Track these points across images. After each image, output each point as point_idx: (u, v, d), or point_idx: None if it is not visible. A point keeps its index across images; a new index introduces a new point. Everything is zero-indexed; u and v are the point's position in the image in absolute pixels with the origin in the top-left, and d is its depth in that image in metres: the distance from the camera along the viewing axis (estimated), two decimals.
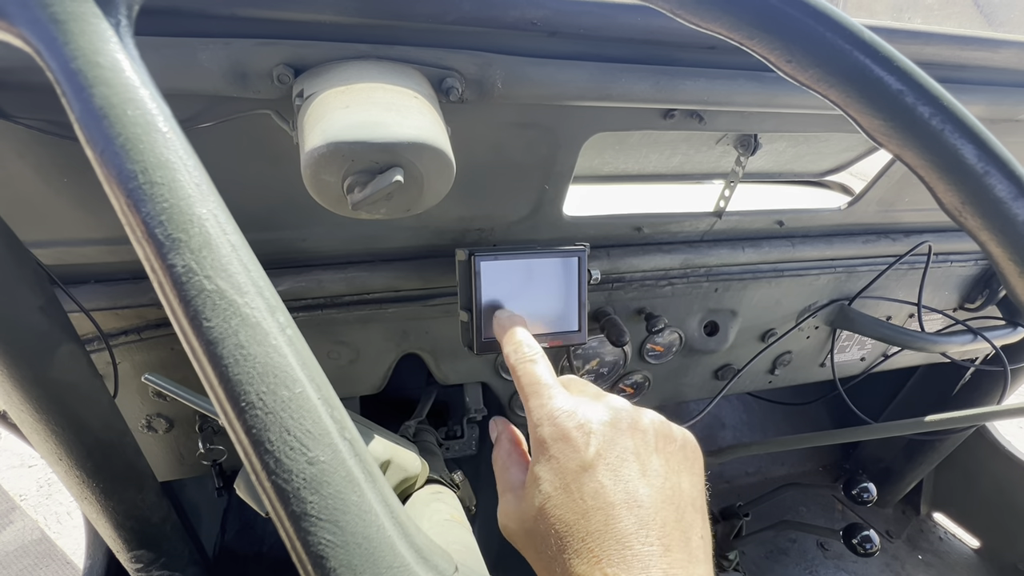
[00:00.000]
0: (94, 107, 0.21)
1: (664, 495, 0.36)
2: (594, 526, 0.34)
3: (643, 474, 0.37)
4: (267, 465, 0.21)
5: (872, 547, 1.62)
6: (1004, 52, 0.78)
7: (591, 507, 0.35)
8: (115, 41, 0.22)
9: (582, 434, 0.38)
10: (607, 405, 0.40)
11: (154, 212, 0.21)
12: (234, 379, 0.21)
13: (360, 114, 0.48)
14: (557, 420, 0.39)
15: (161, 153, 0.21)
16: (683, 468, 0.39)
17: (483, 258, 0.72)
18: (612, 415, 0.39)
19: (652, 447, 0.39)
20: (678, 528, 0.35)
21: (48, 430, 0.66)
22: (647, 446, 0.39)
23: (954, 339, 1.24)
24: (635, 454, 0.38)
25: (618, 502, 0.35)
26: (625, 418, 0.40)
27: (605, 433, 0.38)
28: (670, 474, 0.38)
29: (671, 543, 0.34)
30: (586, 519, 0.34)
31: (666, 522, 0.35)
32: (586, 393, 0.43)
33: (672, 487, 0.37)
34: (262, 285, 0.23)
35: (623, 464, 0.37)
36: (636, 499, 0.35)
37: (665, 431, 0.41)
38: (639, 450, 0.38)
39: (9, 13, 0.21)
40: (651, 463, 0.38)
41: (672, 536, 0.34)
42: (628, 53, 0.67)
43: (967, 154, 0.29)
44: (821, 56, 0.29)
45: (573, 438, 0.38)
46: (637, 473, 0.37)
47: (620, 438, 0.38)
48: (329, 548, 0.21)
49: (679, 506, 0.36)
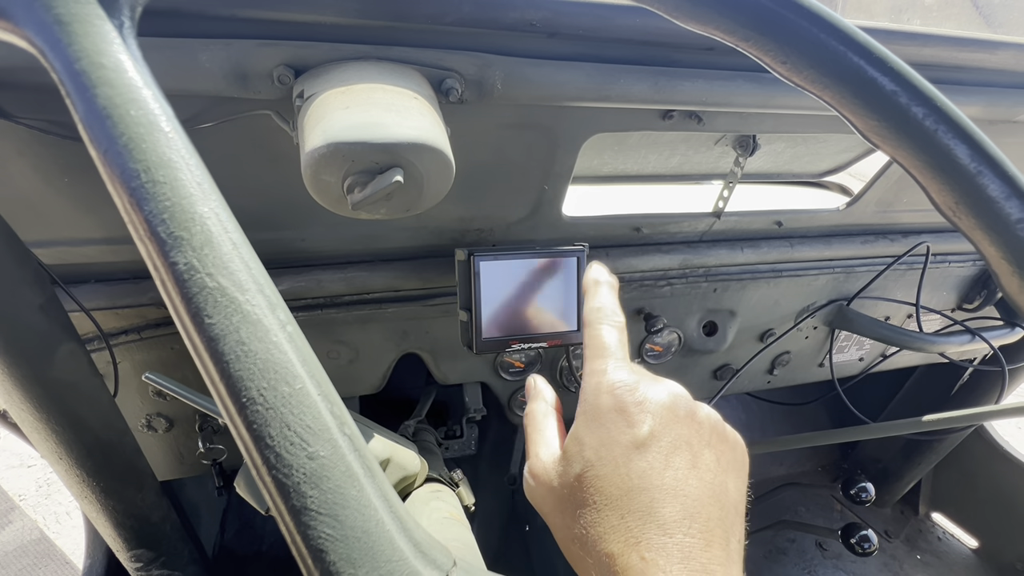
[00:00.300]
0: (97, 107, 0.21)
1: (712, 491, 0.35)
2: (636, 506, 0.33)
3: (693, 466, 0.36)
4: (268, 460, 0.22)
5: (870, 547, 1.62)
6: (1001, 54, 0.78)
7: (636, 486, 0.34)
8: (118, 42, 0.22)
9: (640, 411, 0.37)
10: (667, 389, 0.39)
11: (156, 211, 0.21)
12: (235, 375, 0.22)
13: (360, 115, 0.49)
14: (616, 391, 0.38)
15: (163, 152, 0.22)
16: (732, 469, 0.38)
17: (482, 258, 0.72)
18: (671, 400, 0.39)
19: (706, 441, 0.38)
20: (721, 526, 0.34)
21: (48, 429, 0.66)
22: (701, 439, 0.38)
23: (952, 339, 1.24)
24: (688, 444, 0.37)
25: (666, 487, 0.34)
26: (683, 405, 0.39)
27: (663, 415, 0.37)
28: (719, 472, 0.37)
29: (713, 539, 0.33)
30: (629, 497, 0.34)
31: (711, 518, 0.34)
32: (645, 374, 0.42)
33: (720, 484, 0.36)
34: (263, 282, 0.24)
35: (676, 451, 0.36)
36: (684, 489, 0.34)
37: (720, 429, 0.40)
38: (692, 441, 0.37)
39: (14, 14, 0.22)
40: (703, 456, 0.37)
41: (715, 533, 0.33)
42: (627, 54, 0.67)
43: (960, 154, 0.29)
44: (815, 58, 0.29)
45: (630, 412, 0.37)
46: (688, 463, 0.36)
47: (676, 424, 0.37)
48: (329, 542, 0.22)
49: (724, 505, 0.35)
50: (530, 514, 1.71)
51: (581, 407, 0.39)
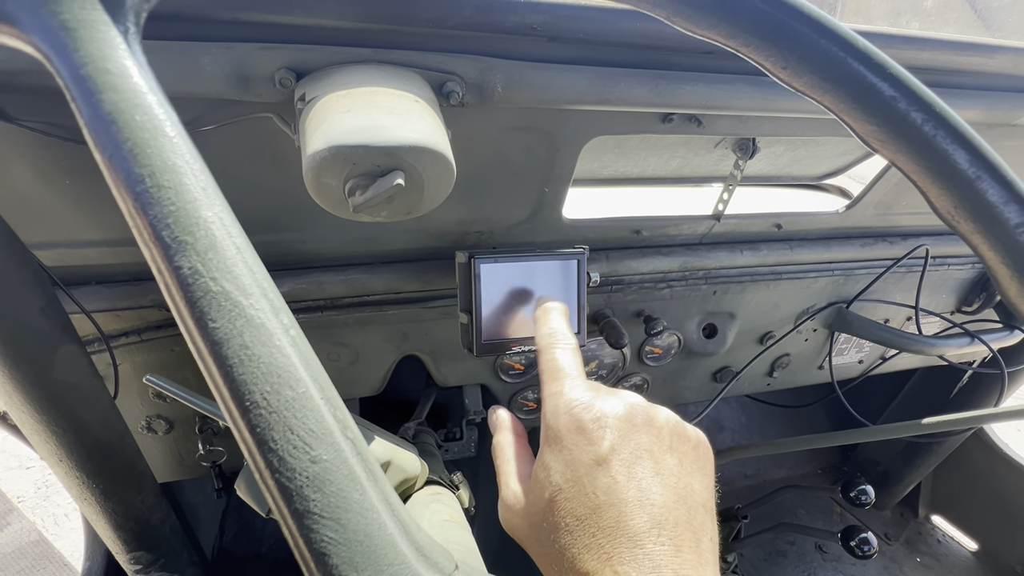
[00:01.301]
0: (103, 112, 0.21)
1: (677, 495, 0.36)
2: (605, 522, 0.34)
3: (657, 473, 0.36)
4: (271, 463, 0.22)
5: (870, 549, 1.62)
6: (999, 58, 0.79)
7: (603, 503, 0.34)
8: (123, 48, 0.22)
9: (597, 427, 0.38)
10: (623, 400, 0.40)
11: (161, 215, 0.21)
12: (239, 379, 0.22)
13: (361, 118, 0.49)
14: (573, 410, 0.39)
15: (168, 157, 0.22)
16: (695, 468, 0.39)
17: (483, 260, 0.72)
18: (628, 410, 0.39)
19: (666, 445, 0.39)
20: (689, 529, 0.35)
21: (48, 431, 0.66)
22: (661, 444, 0.38)
23: (951, 342, 1.24)
24: (649, 452, 0.37)
25: (631, 499, 0.34)
26: (640, 414, 0.39)
27: (621, 428, 0.38)
28: (683, 474, 0.38)
29: (682, 544, 0.33)
30: (597, 515, 0.34)
31: (678, 522, 0.34)
32: (601, 388, 0.42)
33: (685, 487, 0.37)
34: (266, 287, 0.24)
35: (637, 461, 0.37)
36: (649, 497, 0.35)
37: (679, 430, 0.40)
38: (653, 448, 0.38)
39: (19, 20, 0.22)
40: (665, 462, 0.38)
41: (684, 537, 0.34)
42: (627, 58, 0.67)
43: (959, 159, 0.29)
44: (815, 63, 0.30)
45: (588, 430, 0.38)
46: (651, 471, 0.36)
47: (635, 434, 0.38)
48: (331, 545, 0.22)
49: (691, 507, 0.36)
50: None
51: (544, 432, 0.40)
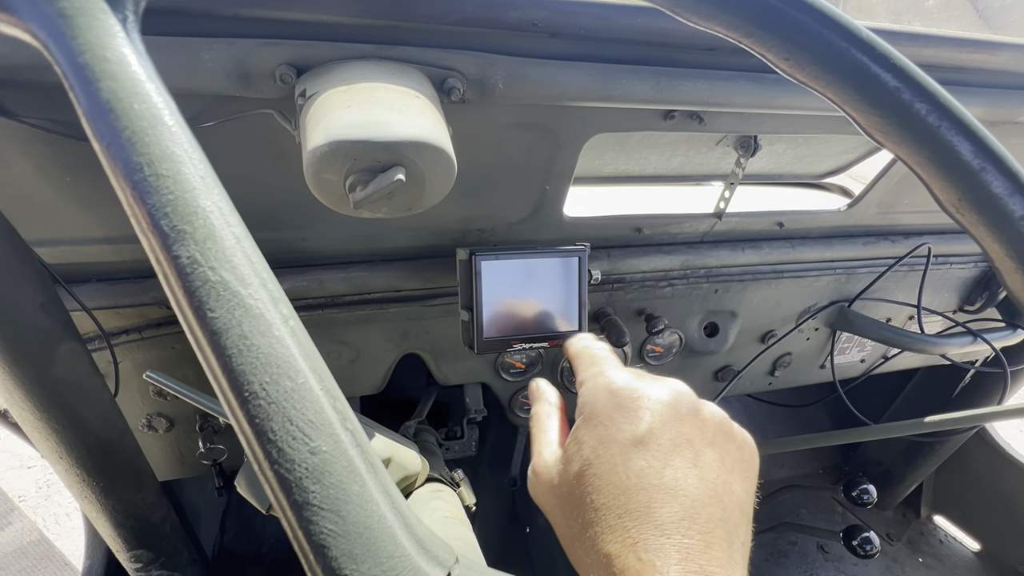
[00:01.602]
0: (101, 101, 0.21)
1: (713, 491, 0.34)
2: (634, 506, 0.32)
3: (695, 464, 0.35)
4: (269, 454, 0.22)
5: (872, 549, 1.62)
6: (1002, 55, 0.78)
7: (634, 485, 0.33)
8: (122, 36, 0.22)
9: (638, 407, 0.36)
10: (668, 386, 0.38)
11: (159, 204, 0.21)
12: (237, 369, 0.22)
13: (362, 113, 0.49)
14: (613, 388, 0.38)
15: (167, 146, 0.22)
16: (737, 469, 0.37)
17: (484, 258, 0.72)
18: (673, 397, 0.38)
19: (709, 439, 0.37)
20: (723, 527, 0.33)
21: (49, 428, 0.66)
22: (704, 437, 0.37)
23: (954, 341, 1.24)
24: (689, 442, 0.36)
25: (664, 486, 0.33)
26: (686, 403, 0.38)
27: (663, 412, 0.36)
28: (723, 471, 0.36)
29: (713, 541, 0.32)
30: (626, 496, 0.33)
31: (711, 518, 0.33)
32: (645, 374, 0.41)
33: (723, 484, 0.35)
34: (265, 277, 0.24)
35: (676, 449, 0.35)
36: (683, 488, 0.33)
37: (726, 427, 0.39)
38: (694, 439, 0.36)
39: (18, 8, 0.22)
40: (705, 455, 0.36)
41: (715, 534, 0.32)
42: (628, 54, 0.67)
43: (963, 150, 0.29)
44: (819, 54, 0.29)
45: (628, 408, 0.36)
46: (689, 462, 0.35)
47: (677, 422, 0.36)
48: (331, 537, 0.22)
49: (727, 506, 0.34)
50: (530, 515, 1.71)
51: (579, 410, 0.39)
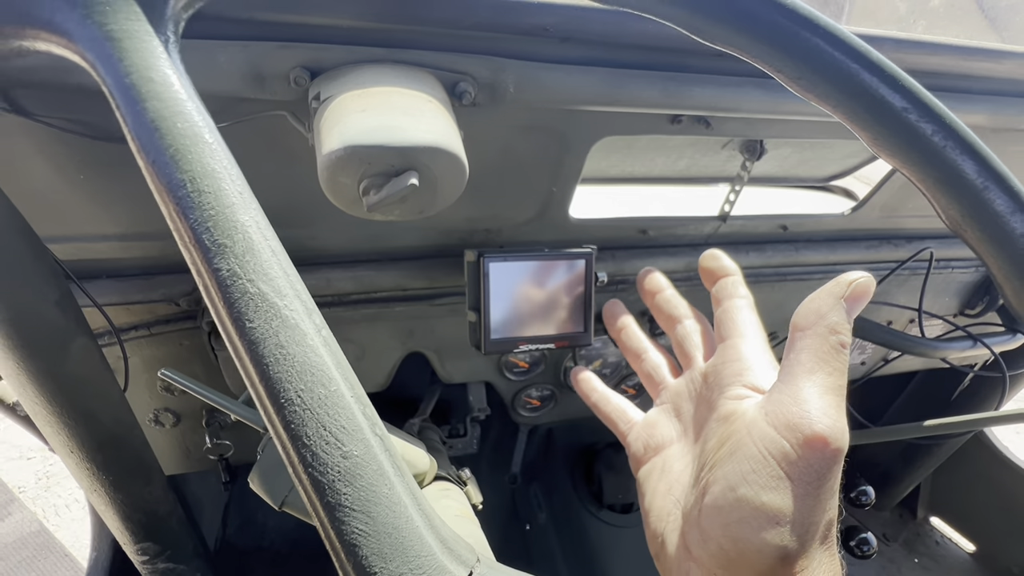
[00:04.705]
0: (147, 120, 0.22)
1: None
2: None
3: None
4: (304, 458, 0.23)
5: (869, 550, 1.63)
6: (1007, 63, 0.79)
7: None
8: (164, 57, 0.23)
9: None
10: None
11: (201, 219, 0.22)
12: (274, 377, 0.23)
13: (377, 118, 0.49)
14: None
15: (208, 163, 0.23)
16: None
17: (492, 259, 0.73)
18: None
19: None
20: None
21: (61, 423, 0.67)
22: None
23: (954, 344, 1.24)
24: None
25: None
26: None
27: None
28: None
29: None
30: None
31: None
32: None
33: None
34: (299, 289, 0.25)
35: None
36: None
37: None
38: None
39: (69, 31, 0.22)
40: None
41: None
42: (638, 59, 0.68)
43: (967, 169, 0.30)
44: (829, 75, 0.30)
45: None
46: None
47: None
48: (362, 537, 0.23)
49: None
50: (530, 513, 1.72)
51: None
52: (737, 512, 0.29)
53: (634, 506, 1.62)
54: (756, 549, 0.28)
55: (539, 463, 1.75)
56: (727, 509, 0.30)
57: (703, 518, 0.31)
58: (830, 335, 0.32)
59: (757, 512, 0.29)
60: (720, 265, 0.44)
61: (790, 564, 0.28)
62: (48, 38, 0.23)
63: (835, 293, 0.33)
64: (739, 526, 0.29)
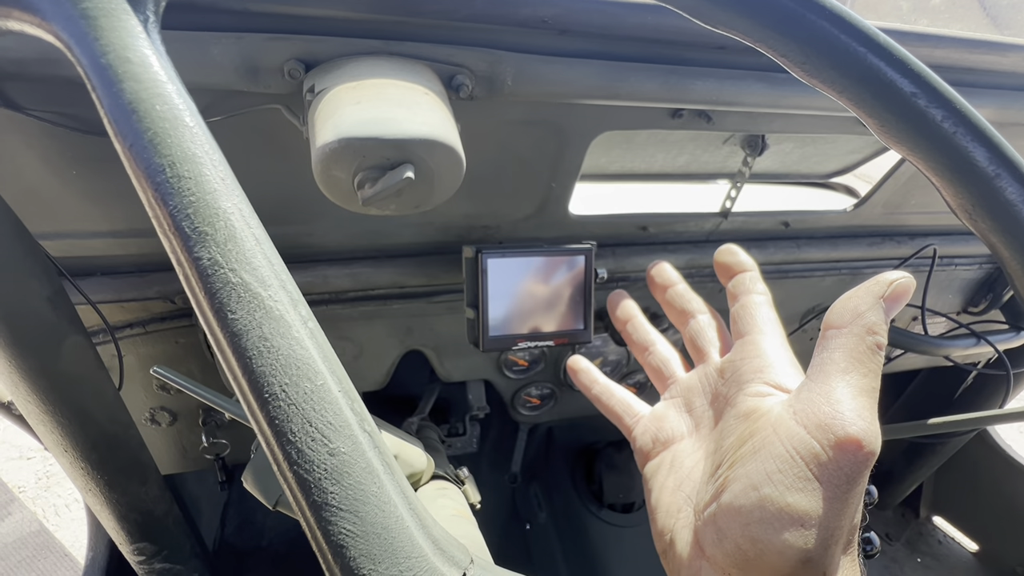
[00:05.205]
0: (124, 102, 0.21)
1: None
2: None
3: None
4: (289, 455, 0.22)
5: (872, 549, 1.61)
6: (1012, 56, 0.78)
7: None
8: (143, 37, 0.22)
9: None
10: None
11: (181, 206, 0.21)
12: (257, 371, 0.22)
13: (371, 110, 0.48)
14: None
15: (188, 148, 0.22)
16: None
17: (491, 255, 0.72)
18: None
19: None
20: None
21: (55, 422, 0.66)
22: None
23: (957, 342, 1.24)
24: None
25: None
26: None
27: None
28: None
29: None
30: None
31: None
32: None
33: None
34: (284, 279, 0.24)
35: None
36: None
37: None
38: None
39: (42, 9, 0.22)
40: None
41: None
42: (638, 52, 0.67)
43: (978, 157, 0.29)
44: (835, 59, 0.29)
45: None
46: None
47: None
48: (349, 538, 0.22)
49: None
50: (530, 513, 1.71)
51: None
52: (759, 512, 0.28)
53: (635, 505, 1.62)
54: (777, 551, 0.27)
55: (539, 462, 1.74)
56: (748, 508, 0.29)
57: (720, 516, 0.30)
58: (867, 335, 0.30)
59: (781, 513, 0.28)
60: (737, 260, 0.43)
61: (811, 568, 0.27)
62: (20, 16, 0.22)
63: (875, 292, 0.31)
64: (760, 526, 0.28)
